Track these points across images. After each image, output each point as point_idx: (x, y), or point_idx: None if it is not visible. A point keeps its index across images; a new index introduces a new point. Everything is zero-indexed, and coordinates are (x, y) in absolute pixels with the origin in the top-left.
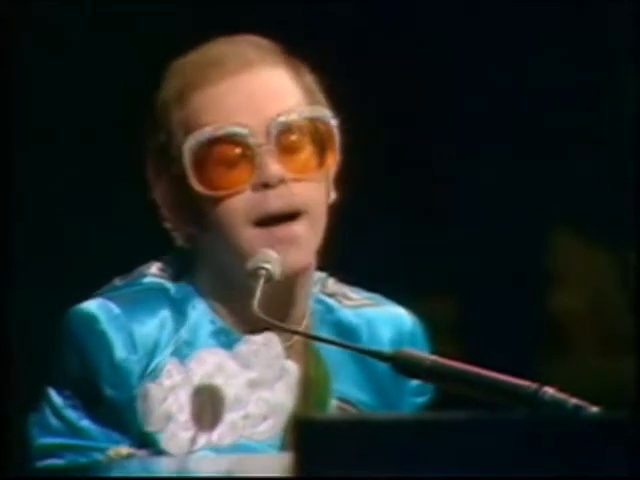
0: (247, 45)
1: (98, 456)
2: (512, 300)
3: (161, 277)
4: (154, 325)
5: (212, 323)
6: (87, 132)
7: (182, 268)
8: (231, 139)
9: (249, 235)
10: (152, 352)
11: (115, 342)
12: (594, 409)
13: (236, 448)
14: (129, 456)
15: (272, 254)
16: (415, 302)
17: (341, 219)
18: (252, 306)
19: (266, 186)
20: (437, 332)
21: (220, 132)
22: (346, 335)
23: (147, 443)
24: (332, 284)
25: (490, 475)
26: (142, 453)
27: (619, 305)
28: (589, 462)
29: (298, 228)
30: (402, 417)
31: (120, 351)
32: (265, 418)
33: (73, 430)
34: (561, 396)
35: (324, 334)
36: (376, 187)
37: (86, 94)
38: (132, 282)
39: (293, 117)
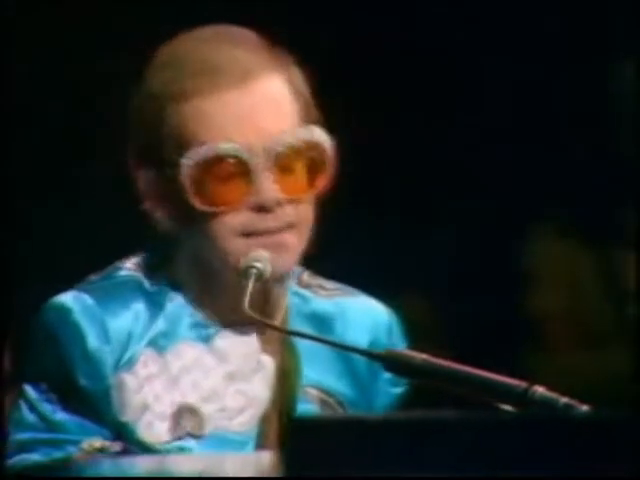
0: (245, 49)
1: (72, 449)
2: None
3: (136, 271)
4: (127, 317)
5: (191, 316)
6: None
7: (159, 261)
8: (229, 156)
9: (238, 243)
10: (126, 344)
11: (88, 332)
12: (584, 408)
13: (212, 438)
14: (103, 449)
15: (263, 253)
16: (397, 300)
17: (322, 216)
18: (243, 305)
19: (263, 208)
20: (418, 330)
21: (219, 150)
22: (322, 323)
23: (123, 433)
24: (307, 277)
25: (483, 475)
26: (116, 446)
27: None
28: (585, 462)
29: (288, 236)
30: (393, 417)
31: (93, 341)
32: (242, 411)
33: (48, 424)
34: (551, 395)
35: (301, 326)
36: (358, 184)
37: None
38: (107, 276)
39: (291, 139)
